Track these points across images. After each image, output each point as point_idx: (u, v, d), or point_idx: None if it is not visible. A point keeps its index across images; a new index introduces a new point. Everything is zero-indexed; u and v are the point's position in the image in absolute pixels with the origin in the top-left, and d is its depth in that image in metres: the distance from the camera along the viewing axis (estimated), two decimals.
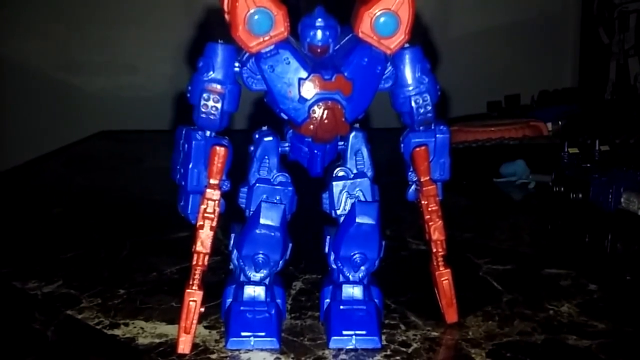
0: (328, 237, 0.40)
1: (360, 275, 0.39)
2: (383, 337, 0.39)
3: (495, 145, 0.85)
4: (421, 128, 0.39)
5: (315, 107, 0.36)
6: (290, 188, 0.39)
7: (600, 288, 0.47)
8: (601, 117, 0.98)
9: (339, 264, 0.39)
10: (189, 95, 0.37)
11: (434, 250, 0.40)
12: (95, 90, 1.26)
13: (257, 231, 0.37)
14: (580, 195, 0.68)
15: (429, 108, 0.39)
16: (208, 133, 0.37)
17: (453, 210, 0.68)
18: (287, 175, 0.39)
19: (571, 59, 1.34)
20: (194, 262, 0.37)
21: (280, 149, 0.39)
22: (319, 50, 0.36)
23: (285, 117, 0.37)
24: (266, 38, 0.35)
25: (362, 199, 0.39)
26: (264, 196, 0.38)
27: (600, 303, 0.44)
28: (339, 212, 0.40)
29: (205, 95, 0.36)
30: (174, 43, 1.22)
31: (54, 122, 1.26)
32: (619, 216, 0.63)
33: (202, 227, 0.37)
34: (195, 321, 0.37)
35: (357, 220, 0.37)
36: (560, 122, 0.94)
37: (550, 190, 0.72)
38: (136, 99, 1.25)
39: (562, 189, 0.71)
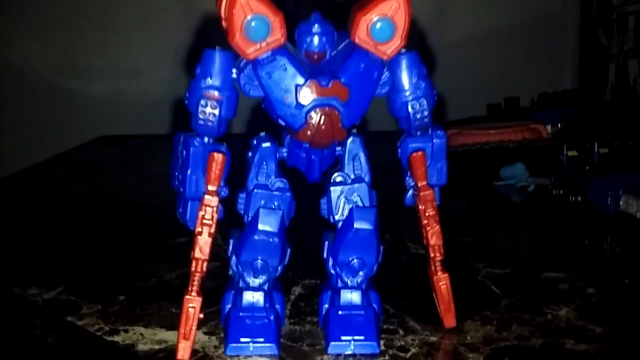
0: (327, 242, 0.40)
1: (359, 281, 0.40)
2: (381, 342, 0.39)
3: (495, 148, 0.85)
4: (418, 133, 0.39)
5: (312, 113, 0.36)
6: (288, 194, 0.39)
7: (599, 292, 0.47)
8: (600, 119, 0.98)
9: (338, 269, 0.39)
10: (186, 102, 0.37)
11: (432, 255, 0.40)
12: (96, 95, 1.26)
13: (256, 237, 0.37)
14: (579, 198, 0.68)
15: (426, 113, 0.39)
16: (206, 139, 0.37)
17: (453, 214, 0.68)
18: (285, 181, 0.39)
19: (571, 61, 1.34)
20: (193, 269, 0.37)
21: (278, 154, 0.39)
22: (315, 57, 0.36)
23: (282, 123, 0.37)
24: (263, 44, 0.35)
25: (360, 204, 0.40)
26: (262, 202, 0.39)
27: (598, 307, 0.45)
28: (337, 217, 0.40)
29: (203, 102, 0.36)
30: (173, 47, 1.22)
31: (54, 127, 1.26)
32: (617, 219, 0.63)
33: (200, 233, 0.37)
34: (194, 327, 0.37)
35: (355, 225, 0.37)
36: (559, 125, 0.94)
37: (550, 193, 0.72)
38: (137, 104, 1.26)
39: (561, 191, 0.71)
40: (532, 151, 0.84)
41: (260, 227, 0.37)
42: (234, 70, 0.37)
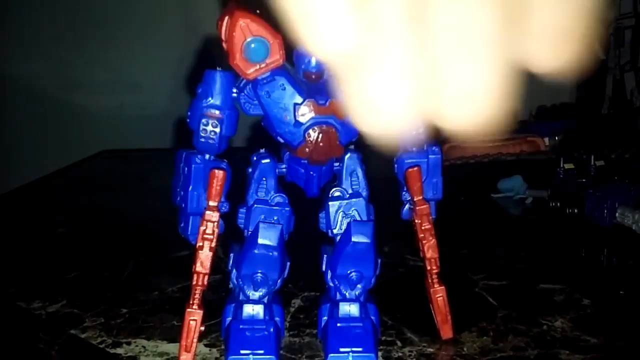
0: (325, 255, 0.41)
1: (357, 293, 0.40)
2: (379, 353, 0.40)
3: (493, 161, 0.86)
4: (414, 149, 0.40)
5: (310, 131, 0.37)
6: (287, 208, 0.40)
7: (594, 303, 0.48)
8: (598, 131, 0.99)
9: (336, 282, 0.40)
10: (188, 120, 0.38)
11: (428, 268, 0.41)
12: (98, 109, 1.27)
13: (256, 251, 0.38)
14: (575, 210, 0.69)
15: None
16: (207, 156, 0.38)
17: (451, 226, 0.69)
18: (284, 196, 0.40)
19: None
20: (194, 282, 0.38)
21: (277, 170, 0.40)
22: (313, 77, 0.37)
23: (281, 140, 0.38)
24: (262, 65, 0.36)
25: (358, 218, 0.40)
26: (262, 216, 0.40)
27: (593, 318, 0.45)
28: (335, 231, 0.41)
29: (204, 120, 0.37)
30: (175, 62, 1.24)
31: (56, 142, 1.27)
32: (613, 231, 0.64)
33: (201, 247, 0.38)
34: (195, 340, 0.38)
35: (353, 239, 0.38)
36: (557, 137, 0.95)
37: (547, 205, 0.73)
38: (139, 118, 1.26)
39: (558, 204, 0.71)
40: (529, 164, 0.85)
41: (260, 241, 0.38)
42: (235, 90, 0.38)
